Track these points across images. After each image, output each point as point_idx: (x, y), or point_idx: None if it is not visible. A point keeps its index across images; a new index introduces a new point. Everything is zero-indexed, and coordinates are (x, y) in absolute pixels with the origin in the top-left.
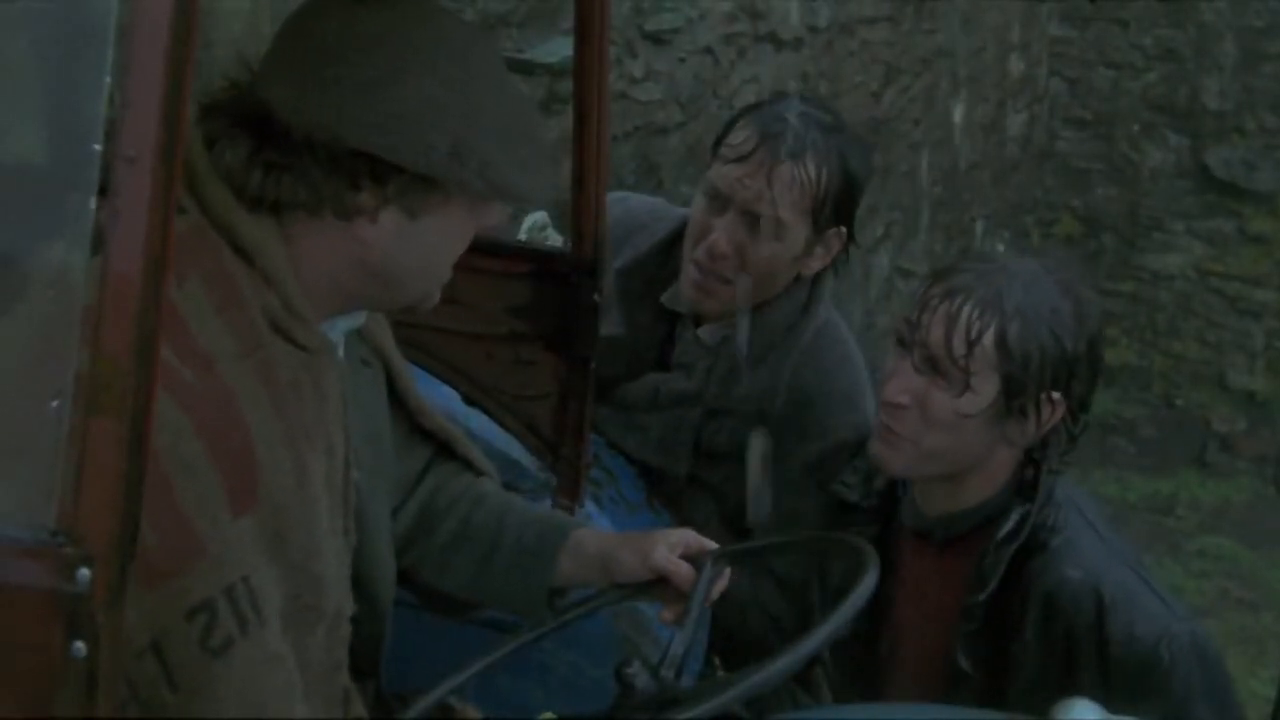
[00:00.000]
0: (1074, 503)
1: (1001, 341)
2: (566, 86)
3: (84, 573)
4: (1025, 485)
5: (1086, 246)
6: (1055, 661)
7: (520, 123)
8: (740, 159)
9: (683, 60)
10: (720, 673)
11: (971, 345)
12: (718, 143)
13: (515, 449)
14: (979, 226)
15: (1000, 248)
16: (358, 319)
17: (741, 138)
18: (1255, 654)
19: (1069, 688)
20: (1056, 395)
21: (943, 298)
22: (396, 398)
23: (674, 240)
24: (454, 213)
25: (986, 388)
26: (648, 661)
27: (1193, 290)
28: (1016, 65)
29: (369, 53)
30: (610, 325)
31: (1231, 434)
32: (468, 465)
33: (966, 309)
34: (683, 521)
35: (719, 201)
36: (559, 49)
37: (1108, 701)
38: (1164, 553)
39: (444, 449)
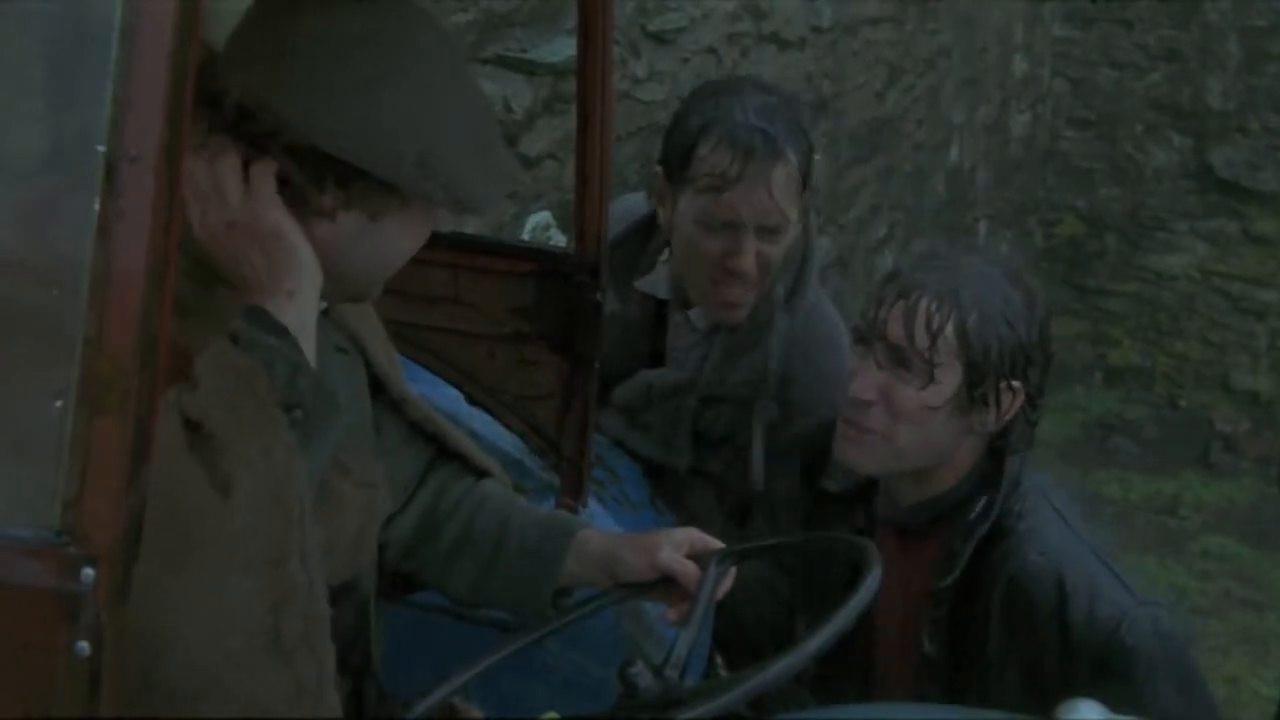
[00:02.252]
0: (1041, 490)
1: (962, 332)
2: (570, 86)
3: (87, 572)
4: (990, 473)
5: (1089, 246)
6: (1019, 646)
7: (484, 135)
8: (733, 183)
9: (686, 60)
10: (723, 672)
11: (934, 337)
12: (684, 168)
13: (518, 449)
14: (982, 227)
15: (1004, 248)
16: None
17: (724, 162)
18: (1259, 654)
19: (1034, 672)
20: (1016, 383)
21: (898, 295)
22: (384, 395)
23: (648, 225)
24: (412, 217)
25: (949, 378)
26: (651, 661)
27: (1196, 290)
28: (1020, 65)
29: (346, 56)
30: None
31: (1235, 434)
32: (467, 465)
33: (924, 303)
34: (686, 517)
35: (728, 229)
36: (562, 49)
37: (1071, 685)
38: (1167, 553)
39: (443, 450)
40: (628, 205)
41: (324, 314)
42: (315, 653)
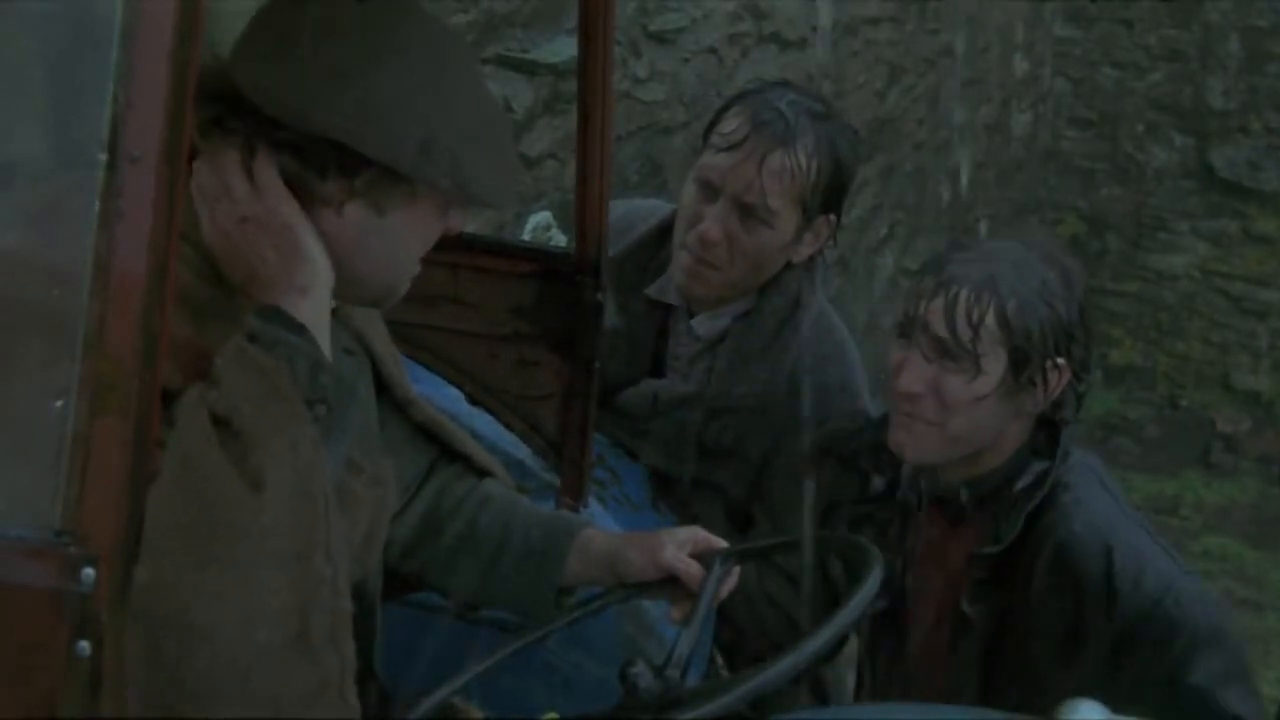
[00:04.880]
0: (1086, 463)
1: (1003, 320)
2: (570, 86)
3: (88, 572)
4: (1039, 446)
5: (1091, 246)
6: (1063, 612)
7: (490, 125)
8: (731, 148)
9: (687, 60)
10: (725, 673)
11: (976, 328)
12: (709, 130)
13: (519, 449)
14: (983, 226)
15: None
16: None
17: (733, 126)
18: (1260, 654)
19: (1075, 640)
20: (1061, 361)
21: (938, 288)
22: (388, 395)
23: (665, 230)
24: (421, 211)
25: (995, 366)
26: (652, 662)
27: (1197, 290)
28: (1021, 65)
29: (344, 41)
30: (605, 316)
31: (1236, 434)
32: (470, 465)
33: (964, 295)
34: (688, 521)
35: (710, 190)
36: (563, 49)
37: (1113, 652)
38: None
39: (446, 450)
40: (637, 210)
41: (331, 314)
42: (339, 648)
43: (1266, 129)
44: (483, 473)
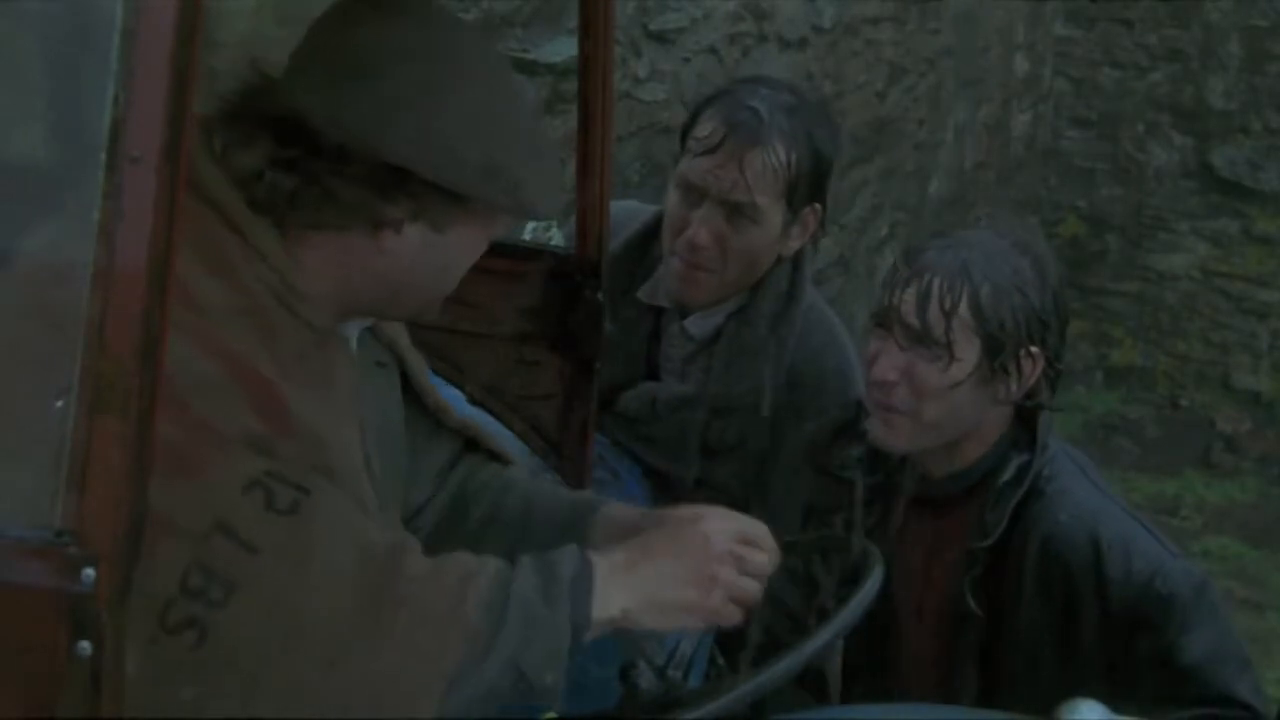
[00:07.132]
0: (1065, 451)
1: (976, 308)
2: (571, 86)
3: (89, 573)
4: (1018, 438)
5: (1091, 246)
6: (1055, 606)
7: (540, 141)
8: (709, 151)
9: (687, 60)
10: (725, 673)
11: (949, 316)
12: (685, 135)
13: (520, 450)
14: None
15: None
16: (363, 322)
17: (708, 129)
18: (1260, 654)
19: (1070, 632)
20: (1035, 349)
21: (911, 277)
22: (414, 398)
23: (649, 233)
24: (475, 228)
25: (969, 354)
26: (652, 662)
27: (1198, 290)
28: (1021, 65)
29: (404, 66)
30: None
31: (1236, 434)
32: (494, 456)
33: (937, 283)
34: None
35: (694, 194)
36: (563, 49)
37: (1107, 641)
38: None
39: (471, 443)
40: (619, 213)
41: (367, 328)
42: None
43: (1266, 129)
44: (507, 461)
